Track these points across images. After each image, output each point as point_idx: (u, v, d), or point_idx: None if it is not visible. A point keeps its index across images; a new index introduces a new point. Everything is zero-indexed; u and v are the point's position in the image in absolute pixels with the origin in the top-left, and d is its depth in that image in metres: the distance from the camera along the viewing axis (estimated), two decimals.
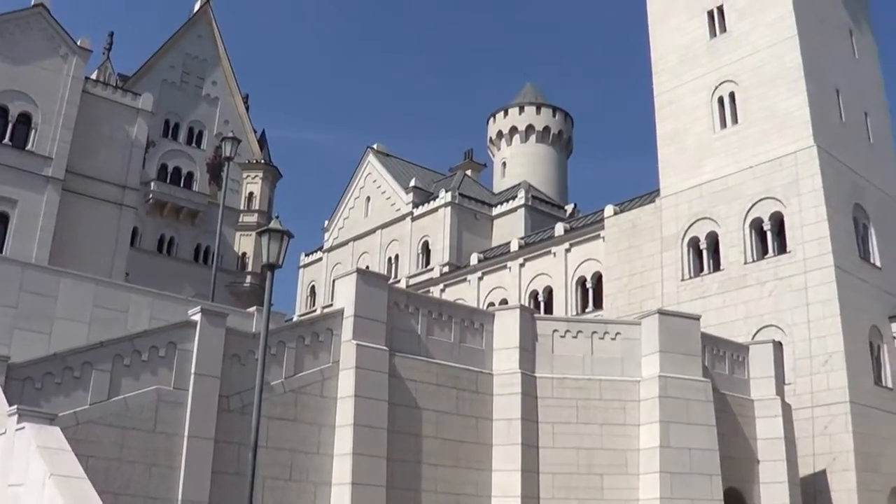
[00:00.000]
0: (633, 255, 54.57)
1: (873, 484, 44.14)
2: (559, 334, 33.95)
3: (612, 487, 32.27)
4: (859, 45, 57.19)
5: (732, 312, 48.29)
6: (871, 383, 46.56)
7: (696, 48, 55.55)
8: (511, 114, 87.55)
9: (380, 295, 30.39)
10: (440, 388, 30.92)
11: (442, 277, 68.25)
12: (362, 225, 78.74)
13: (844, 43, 55.86)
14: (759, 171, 49.86)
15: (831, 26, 54.76)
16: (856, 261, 48.36)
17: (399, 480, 28.83)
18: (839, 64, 54.07)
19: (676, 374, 33.57)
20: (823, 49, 52.75)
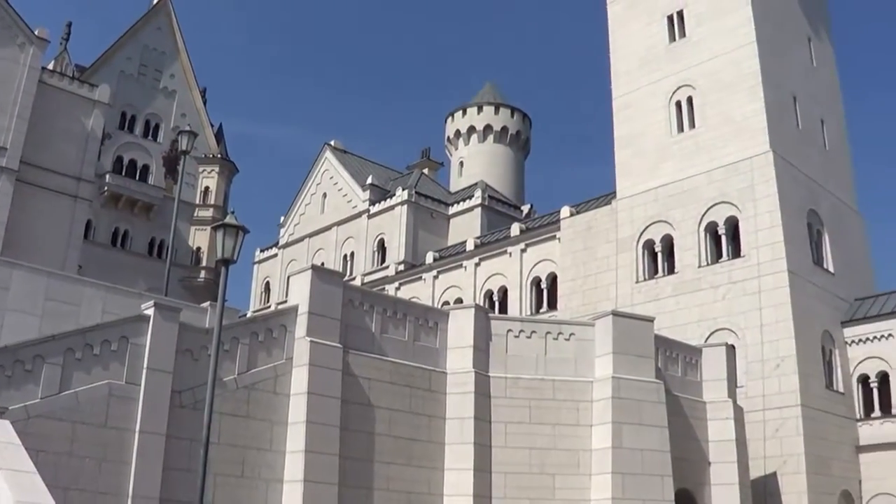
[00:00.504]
0: (588, 256, 54.73)
1: (823, 487, 44.53)
2: (513, 334, 34.01)
3: (564, 487, 32.36)
4: (817, 52, 57.64)
5: (686, 315, 48.56)
6: (823, 387, 46.95)
7: (656, 52, 55.79)
8: (469, 113, 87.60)
9: (334, 292, 30.32)
10: (394, 386, 30.89)
11: (397, 275, 68.19)
12: (318, 222, 78.46)
13: (803, 50, 56.31)
14: (715, 175, 50.16)
15: (790, 34, 55.15)
16: (809, 266, 48.75)
17: (351, 478, 28.79)
18: (797, 71, 54.48)
19: (629, 375, 33.70)
20: (781, 56, 53.12)
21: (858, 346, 49.70)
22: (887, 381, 48.78)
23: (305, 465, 27.54)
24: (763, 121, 49.45)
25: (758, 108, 49.86)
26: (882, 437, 48.11)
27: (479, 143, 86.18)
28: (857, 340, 49.74)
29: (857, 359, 49.64)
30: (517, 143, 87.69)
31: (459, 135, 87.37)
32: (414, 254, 70.01)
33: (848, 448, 47.68)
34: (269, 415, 28.18)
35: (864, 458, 48.20)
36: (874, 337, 49.36)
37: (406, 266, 68.83)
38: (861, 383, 49.64)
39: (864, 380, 49.52)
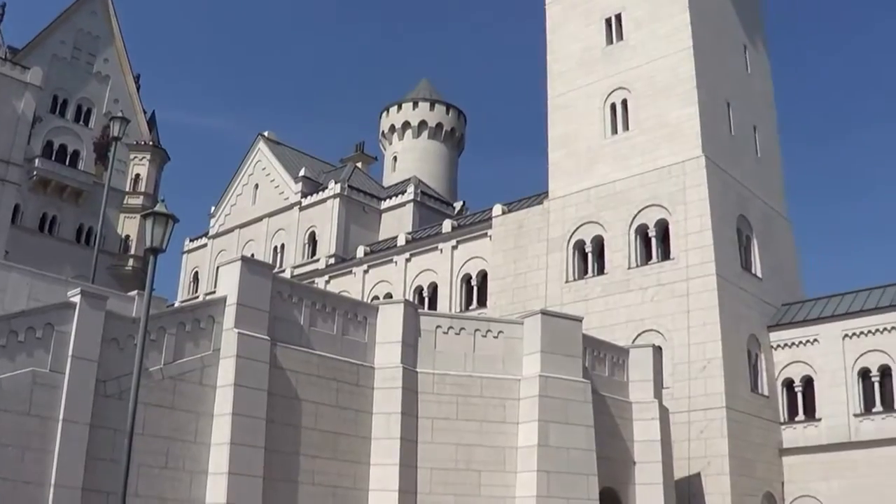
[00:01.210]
0: (519, 255, 54.86)
1: (747, 488, 45.05)
2: (442, 330, 34.05)
3: (489, 484, 32.46)
4: (753, 60, 58.23)
5: (614, 316, 48.83)
6: (748, 390, 47.47)
7: (593, 54, 55.99)
8: (405, 108, 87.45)
9: (264, 284, 30.15)
10: (321, 379, 30.80)
11: (328, 269, 67.92)
12: (249, 213, 77.91)
13: (738, 58, 56.84)
14: (647, 178, 50.49)
15: (726, 41, 55.66)
16: (737, 270, 49.24)
17: (276, 471, 28.65)
18: (732, 78, 55.01)
19: (557, 374, 33.88)
20: (717, 62, 53.60)
21: (784, 350, 50.31)
22: (811, 386, 49.44)
23: (230, 458, 27.36)
24: (696, 126, 49.85)
25: (691, 113, 50.27)
26: (805, 440, 48.78)
27: (413, 138, 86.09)
28: (783, 345, 50.34)
29: (783, 363, 50.25)
30: (451, 139, 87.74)
31: (394, 130, 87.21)
32: (345, 247, 69.76)
33: (771, 450, 48.27)
34: (195, 406, 27.95)
35: (788, 460, 48.83)
36: (799, 342, 49.96)
37: (336, 259, 68.58)
38: (786, 387, 50.27)
39: (789, 384, 50.15)
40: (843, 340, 48.83)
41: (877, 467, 46.16)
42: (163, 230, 23.42)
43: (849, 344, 48.73)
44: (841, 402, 48.24)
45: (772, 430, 48.86)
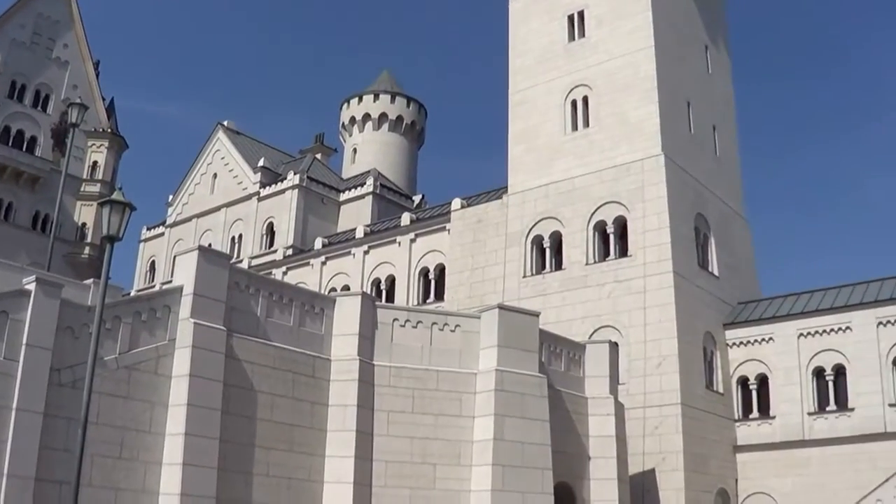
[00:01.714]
0: (477, 249, 54.88)
1: (700, 485, 45.34)
2: (399, 323, 34.03)
3: (444, 478, 32.48)
4: (714, 60, 58.54)
5: (571, 311, 48.96)
6: (703, 387, 47.76)
7: (554, 50, 56.07)
8: (365, 100, 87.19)
9: (220, 274, 29.98)
10: (277, 371, 30.69)
11: (285, 260, 67.70)
12: (207, 202, 77.54)
13: (699, 58, 57.12)
14: (606, 175, 50.65)
15: (688, 41, 55.90)
16: (694, 268, 49.51)
17: (231, 463, 28.54)
18: (692, 77, 55.26)
19: (513, 368, 33.95)
20: (678, 62, 53.84)
21: (739, 348, 50.67)
22: (766, 384, 49.85)
23: (185, 448, 27.21)
24: (656, 124, 50.06)
25: (652, 112, 50.46)
26: (759, 437, 49.18)
27: (373, 130, 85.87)
28: (738, 343, 50.71)
29: (738, 360, 50.62)
30: (412, 133, 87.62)
31: (354, 122, 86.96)
32: (303, 239, 69.60)
33: (725, 447, 48.62)
34: (150, 396, 27.77)
35: (741, 457, 49.24)
36: (755, 340, 50.35)
37: (294, 251, 68.38)
38: (741, 385, 50.66)
39: (744, 381, 50.53)
40: (798, 339, 49.25)
41: (829, 465, 46.65)
42: (120, 218, 23.23)
43: (804, 343, 49.16)
44: (795, 400, 48.66)
45: (726, 428, 49.20)
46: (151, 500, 26.93)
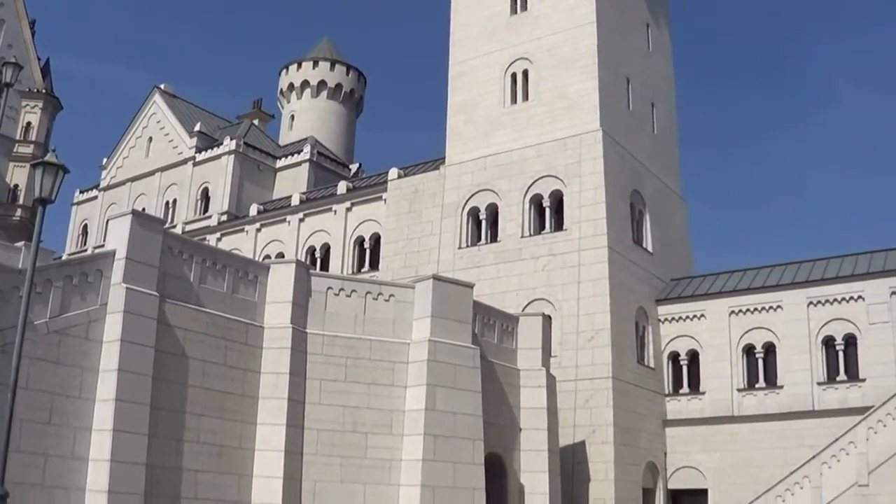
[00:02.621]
0: (413, 219, 54.86)
1: (630, 458, 45.85)
2: (333, 292, 33.93)
3: (376, 446, 32.52)
4: (655, 39, 58.84)
5: (506, 283, 49.11)
6: (634, 362, 48.20)
7: (496, 23, 56.00)
8: (304, 67, 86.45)
9: (154, 239, 29.66)
10: (209, 337, 30.48)
11: (220, 226, 67.27)
12: (142, 166, 76.69)
13: (640, 36, 57.35)
14: (543, 149, 50.77)
15: (630, 18, 56.11)
16: (629, 244, 49.85)
17: (162, 429, 28.33)
18: (633, 55, 55.49)
19: (446, 339, 34.01)
20: (619, 39, 54.03)
21: (671, 324, 51.16)
22: (696, 360, 50.46)
23: (115, 414, 26.95)
24: (595, 100, 50.24)
25: (591, 87, 50.63)
26: (688, 412, 49.81)
27: (311, 98, 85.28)
28: (670, 319, 51.21)
29: (669, 336, 51.15)
30: (350, 101, 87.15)
31: (293, 88, 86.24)
32: (238, 205, 69.14)
33: (655, 421, 49.16)
34: (81, 361, 27.44)
35: (671, 431, 49.83)
36: (686, 316, 50.89)
37: (229, 217, 67.95)
38: (671, 360, 51.25)
39: (675, 357, 51.09)
40: (730, 317, 49.86)
41: (757, 441, 47.39)
42: (52, 180, 22.87)
43: (734, 320, 49.77)
44: (725, 376, 49.29)
45: (656, 402, 49.73)
46: (81, 467, 26.67)
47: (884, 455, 40.88)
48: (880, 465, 40.79)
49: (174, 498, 28.52)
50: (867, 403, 44.32)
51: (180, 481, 28.78)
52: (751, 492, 44.61)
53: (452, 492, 32.71)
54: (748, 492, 44.94)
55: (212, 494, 29.61)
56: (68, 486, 26.24)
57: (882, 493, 40.53)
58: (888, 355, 45.82)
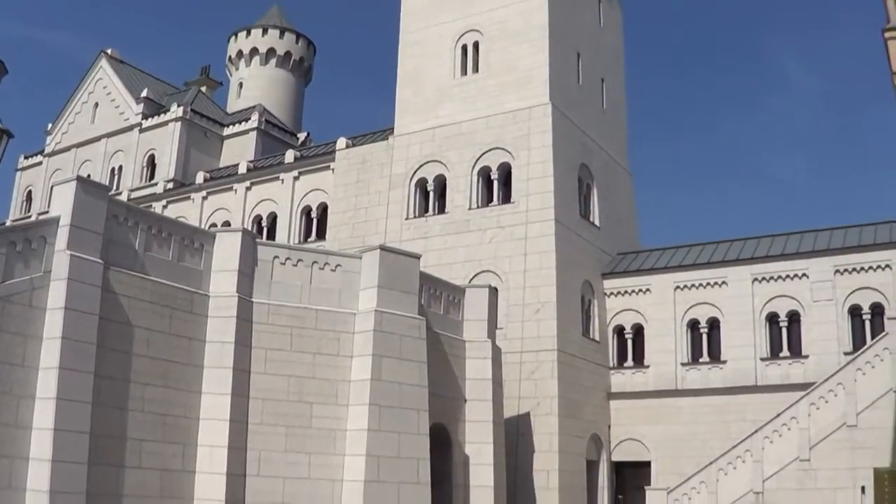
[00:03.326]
0: (360, 189, 54.74)
1: (574, 430, 46.20)
2: (280, 261, 33.83)
3: (321, 416, 32.54)
4: (606, 14, 58.97)
5: (452, 255, 49.18)
6: (580, 335, 48.48)
7: None
8: (254, 34, 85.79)
9: (99, 206, 29.36)
10: (154, 306, 30.29)
11: (166, 193, 66.79)
12: (87, 132, 75.93)
13: (592, 11, 57.45)
14: (493, 121, 50.79)
15: None
16: (576, 217, 50.04)
17: (106, 398, 28.14)
18: (584, 29, 55.53)
19: (392, 309, 34.05)
20: (571, 14, 54.05)
21: (617, 298, 51.49)
22: (641, 334, 50.87)
23: (59, 383, 26.71)
24: (545, 73, 50.27)
25: (541, 61, 50.64)
26: (632, 385, 50.24)
27: (260, 66, 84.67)
28: (616, 293, 51.54)
29: (615, 310, 51.49)
30: (299, 69, 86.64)
31: (241, 56, 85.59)
32: (184, 173, 68.66)
33: (600, 394, 49.56)
34: (24, 329, 27.14)
35: (615, 404, 50.25)
36: (632, 290, 51.22)
37: (175, 184, 67.46)
38: (616, 334, 51.60)
39: (620, 330, 51.44)
40: (675, 292, 50.25)
41: (699, 415, 47.91)
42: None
43: (679, 295, 50.17)
44: (669, 350, 49.72)
45: (601, 375, 50.08)
46: (25, 435, 26.41)
47: (825, 431, 41.44)
48: (821, 441, 41.35)
49: (118, 466, 28.37)
50: (809, 380, 44.86)
51: (124, 450, 28.63)
52: (693, 464, 45.01)
53: (397, 462, 32.81)
54: (691, 464, 45.34)
55: (156, 463, 29.50)
56: (12, 454, 26.00)
57: (823, 468, 41.11)
58: (831, 333, 46.42)
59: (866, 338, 45.19)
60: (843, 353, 45.44)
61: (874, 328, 45.56)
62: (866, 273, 46.48)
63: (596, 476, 49.10)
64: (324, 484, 32.29)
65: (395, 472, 32.63)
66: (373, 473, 32.17)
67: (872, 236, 47.85)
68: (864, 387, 41.26)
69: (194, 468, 30.57)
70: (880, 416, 40.61)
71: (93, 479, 27.19)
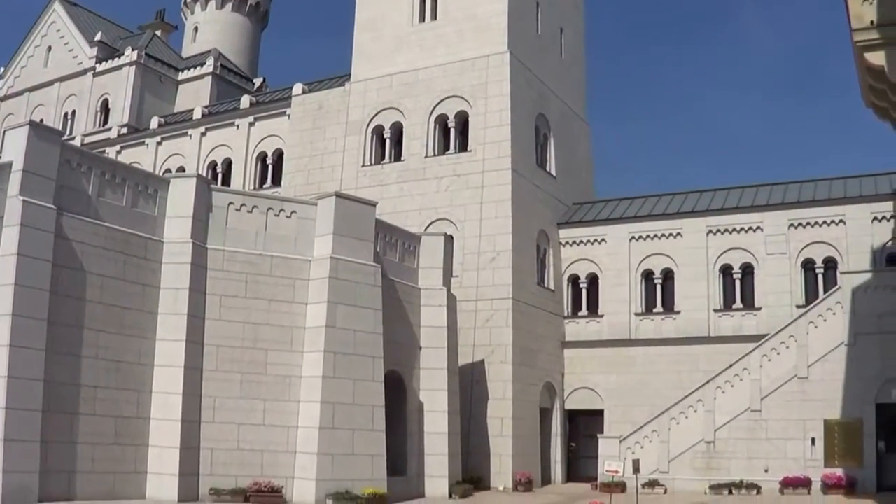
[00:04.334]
0: (316, 136, 54.44)
1: (528, 378, 46.46)
2: (234, 207, 33.75)
3: (276, 363, 32.66)
4: None
5: (408, 203, 49.10)
6: (534, 284, 48.64)
7: None
8: None
9: (52, 151, 29.12)
10: (108, 252, 30.16)
11: (119, 138, 66.15)
12: (40, 76, 74.99)
13: None
14: (450, 69, 50.52)
15: None
16: (532, 167, 50.02)
17: (59, 345, 28.05)
18: None
19: (348, 256, 34.12)
20: None
21: (572, 247, 51.65)
22: (596, 283, 51.12)
23: (12, 330, 26.58)
24: (504, 21, 49.98)
25: (500, 9, 50.31)
26: (586, 334, 50.52)
27: (216, 9, 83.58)
28: (571, 242, 51.68)
29: (570, 259, 51.65)
30: (255, 14, 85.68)
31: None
32: (139, 118, 68.03)
33: (554, 343, 49.82)
34: None
35: (569, 353, 50.54)
36: (587, 240, 51.36)
37: (129, 130, 66.84)
38: (571, 283, 51.80)
39: (575, 280, 51.63)
40: (630, 242, 50.48)
41: (653, 365, 48.37)
42: None
43: (634, 246, 50.38)
44: (623, 300, 50.01)
45: (555, 324, 50.32)
46: None
47: (776, 382, 42.10)
48: (772, 392, 42.02)
49: (73, 414, 28.36)
50: (762, 332, 45.36)
51: (79, 397, 28.62)
52: (646, 413, 45.52)
53: (352, 409, 32.97)
54: (643, 413, 45.84)
55: (111, 410, 29.51)
56: None
57: (772, 419, 41.85)
58: (784, 286, 46.85)
59: (819, 292, 45.72)
60: (796, 306, 45.91)
61: (826, 282, 46.06)
62: (820, 227, 46.84)
63: (549, 424, 49.46)
64: (279, 430, 32.42)
65: (349, 419, 32.81)
66: (328, 420, 32.33)
67: (827, 191, 48.22)
68: (815, 340, 41.85)
69: (149, 415, 30.64)
70: (831, 369, 41.26)
71: (47, 426, 27.21)
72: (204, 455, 31.29)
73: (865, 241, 45.69)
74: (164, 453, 30.35)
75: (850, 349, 41.03)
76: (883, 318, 40.72)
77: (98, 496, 28.45)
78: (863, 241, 45.70)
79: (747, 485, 41.20)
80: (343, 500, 31.39)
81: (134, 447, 30.13)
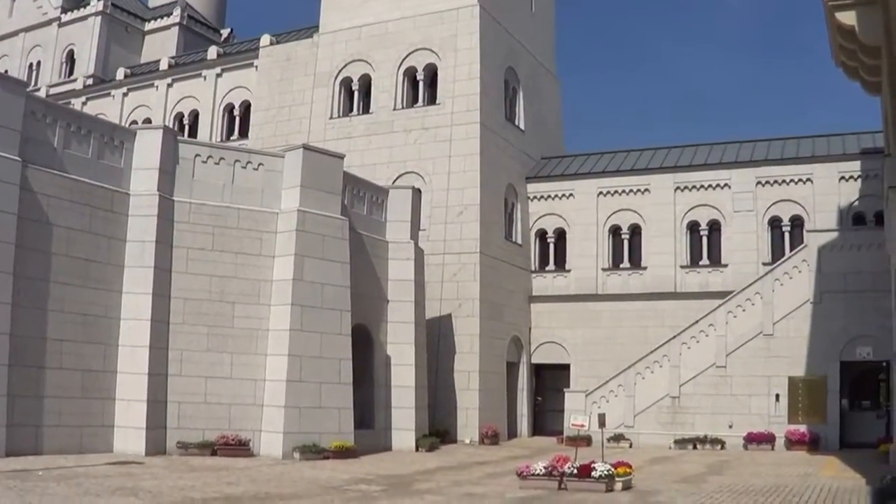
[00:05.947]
0: (284, 87, 54.13)
1: (495, 332, 46.61)
2: (201, 159, 33.54)
3: (243, 316, 32.60)
4: None
5: (377, 155, 48.96)
6: (502, 238, 48.70)
7: None
8: None
9: (16, 102, 28.76)
10: (74, 204, 29.91)
11: (85, 90, 65.55)
12: (4, 26, 73.94)
13: None
14: (420, 21, 50.22)
15: None
16: (501, 121, 49.93)
17: (25, 298, 27.86)
18: None
19: (315, 209, 34.03)
20: None
21: (540, 202, 51.68)
22: (563, 238, 51.25)
23: None
24: None
25: None
26: (554, 289, 50.68)
27: None
28: (540, 197, 51.70)
29: (538, 214, 51.72)
30: None
31: None
32: (104, 69, 67.38)
33: (521, 297, 49.97)
34: None
35: (536, 307, 50.71)
36: (555, 195, 51.40)
37: (95, 81, 66.21)
38: (539, 238, 51.88)
39: (542, 234, 51.74)
40: (598, 197, 50.59)
41: (618, 319, 48.64)
42: None
43: (602, 201, 50.50)
44: (591, 255, 50.19)
45: (522, 278, 50.43)
46: None
47: (741, 339, 42.52)
48: (737, 349, 42.45)
49: (39, 367, 28.23)
50: (728, 288, 45.67)
51: (45, 351, 28.48)
52: (612, 368, 45.80)
53: (319, 362, 32.99)
54: (609, 368, 46.12)
55: (77, 364, 29.40)
56: None
57: (737, 375, 42.33)
58: (750, 243, 47.15)
59: (785, 250, 46.12)
60: (762, 263, 46.25)
61: (793, 240, 46.42)
62: (787, 186, 47.07)
63: (516, 378, 49.71)
64: (246, 383, 32.43)
65: (317, 372, 32.84)
66: (295, 373, 32.35)
67: (795, 150, 48.44)
68: (781, 297, 42.26)
69: (116, 368, 30.55)
70: (796, 326, 41.70)
71: (14, 380, 27.11)
72: (171, 408, 31.27)
73: (832, 201, 45.99)
74: (131, 407, 30.30)
75: (816, 307, 41.47)
76: (848, 277, 41.19)
77: (65, 450, 28.36)
78: (830, 200, 46.00)
79: (712, 440, 41.69)
80: (310, 452, 31.44)
81: (101, 401, 30.05)
